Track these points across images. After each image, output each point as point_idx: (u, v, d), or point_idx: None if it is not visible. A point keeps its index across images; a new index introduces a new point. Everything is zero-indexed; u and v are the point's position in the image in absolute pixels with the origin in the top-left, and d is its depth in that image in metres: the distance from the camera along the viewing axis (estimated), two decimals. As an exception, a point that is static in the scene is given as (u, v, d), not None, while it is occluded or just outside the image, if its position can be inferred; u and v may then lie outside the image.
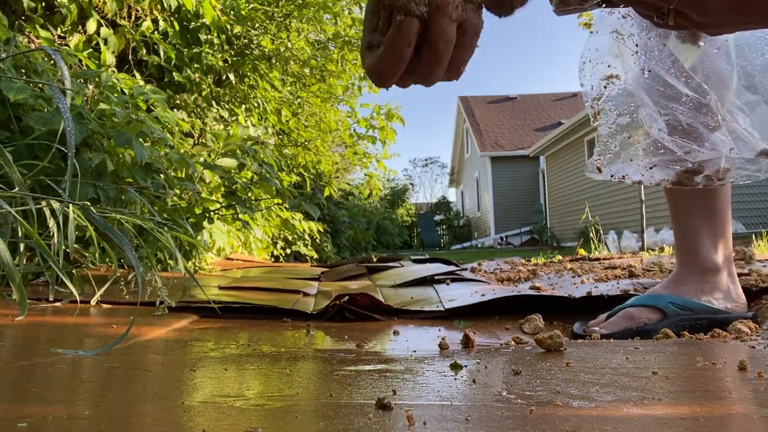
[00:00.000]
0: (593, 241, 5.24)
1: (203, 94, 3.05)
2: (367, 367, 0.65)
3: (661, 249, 3.89)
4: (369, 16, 0.50)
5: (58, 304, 1.11)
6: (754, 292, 1.18)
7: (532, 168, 16.78)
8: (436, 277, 1.82)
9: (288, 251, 4.82)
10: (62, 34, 2.37)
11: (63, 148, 1.07)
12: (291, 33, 3.47)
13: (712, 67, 0.67)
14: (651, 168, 0.69)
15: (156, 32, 2.71)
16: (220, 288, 1.54)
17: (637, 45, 0.68)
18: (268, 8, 3.38)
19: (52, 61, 1.82)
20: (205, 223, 2.16)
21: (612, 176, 0.73)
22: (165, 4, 2.57)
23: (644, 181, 0.72)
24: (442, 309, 1.23)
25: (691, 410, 0.40)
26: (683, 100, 0.67)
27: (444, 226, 21.35)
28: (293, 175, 4.29)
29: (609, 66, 0.71)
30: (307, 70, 3.81)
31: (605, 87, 0.72)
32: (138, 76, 2.55)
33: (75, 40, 2.33)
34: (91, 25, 2.32)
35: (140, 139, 1.71)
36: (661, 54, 0.67)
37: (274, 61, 3.48)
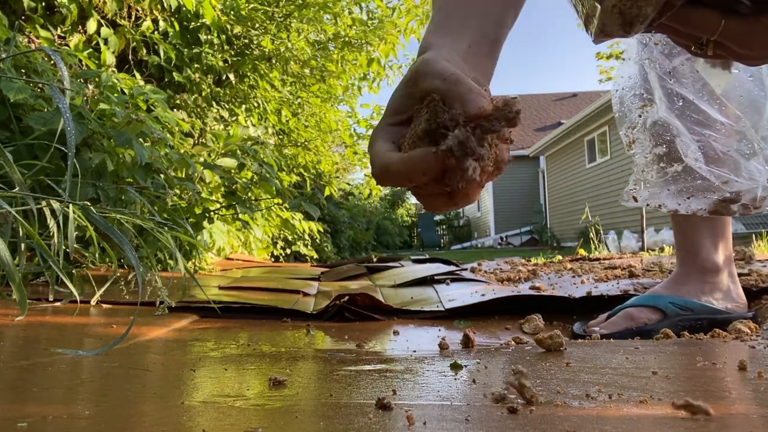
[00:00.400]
0: (593, 241, 5.24)
1: (203, 94, 3.05)
2: (367, 367, 0.65)
3: (661, 249, 3.89)
4: (403, 106, 0.45)
5: (58, 304, 1.11)
6: (754, 292, 1.18)
7: (532, 168, 16.78)
8: (436, 277, 1.82)
9: (288, 251, 4.82)
10: (62, 34, 2.37)
11: (63, 148, 1.07)
12: (291, 33, 3.47)
13: (746, 94, 0.66)
14: (688, 198, 0.69)
15: (156, 32, 2.71)
16: (220, 288, 1.54)
17: (669, 72, 0.67)
18: (268, 8, 3.38)
19: (52, 61, 1.82)
20: (205, 223, 2.16)
21: (648, 205, 0.72)
22: (165, 4, 2.57)
23: (680, 210, 0.71)
24: (442, 309, 1.23)
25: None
26: (717, 127, 0.66)
27: (444, 226, 21.34)
28: (293, 175, 4.29)
29: (643, 94, 0.70)
30: (307, 71, 3.81)
31: (639, 116, 0.71)
32: (138, 76, 2.55)
33: (75, 40, 2.33)
34: (92, 25, 2.32)
35: (140, 139, 1.71)
36: (693, 80, 0.66)
37: (274, 61, 3.48)
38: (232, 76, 3.24)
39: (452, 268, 2.14)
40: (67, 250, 0.99)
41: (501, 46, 0.56)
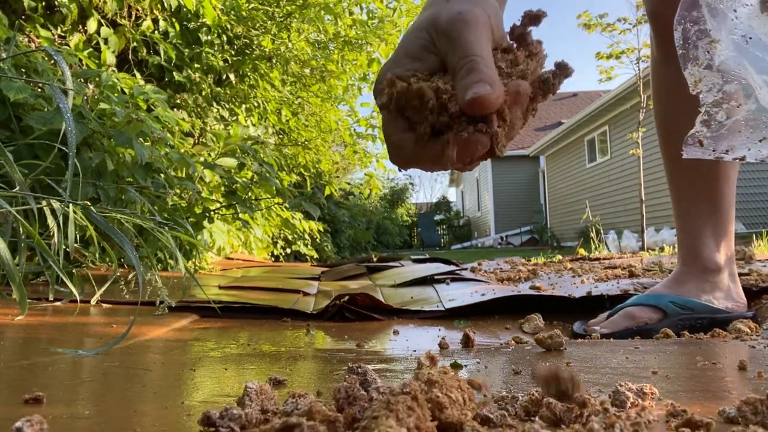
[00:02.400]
0: (593, 241, 5.24)
1: (203, 93, 3.05)
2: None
3: (661, 249, 3.89)
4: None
5: (58, 303, 1.11)
6: (754, 291, 1.18)
7: (533, 168, 16.78)
8: (436, 277, 1.82)
9: (288, 251, 4.82)
10: (62, 34, 2.37)
11: (63, 148, 1.07)
12: (291, 33, 3.47)
13: None
14: (760, 141, 0.63)
15: (156, 32, 2.71)
16: (220, 287, 1.54)
17: (735, 11, 0.64)
18: (268, 8, 3.38)
19: (53, 61, 1.82)
20: (206, 223, 2.16)
21: (714, 150, 0.66)
22: (165, 4, 2.57)
23: (749, 156, 0.65)
24: (442, 309, 1.23)
25: (691, 410, 0.40)
26: None
27: (444, 226, 21.35)
28: (293, 175, 4.29)
29: (709, 30, 0.66)
30: (307, 70, 3.81)
31: (707, 52, 0.66)
32: (138, 75, 2.55)
33: (75, 39, 2.33)
34: (92, 25, 2.32)
35: (140, 139, 1.71)
36: (758, 23, 0.63)
37: (274, 61, 3.48)
38: (232, 76, 3.24)
39: (452, 267, 2.14)
40: (68, 249, 0.99)
41: None
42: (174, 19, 2.85)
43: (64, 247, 0.98)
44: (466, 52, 0.41)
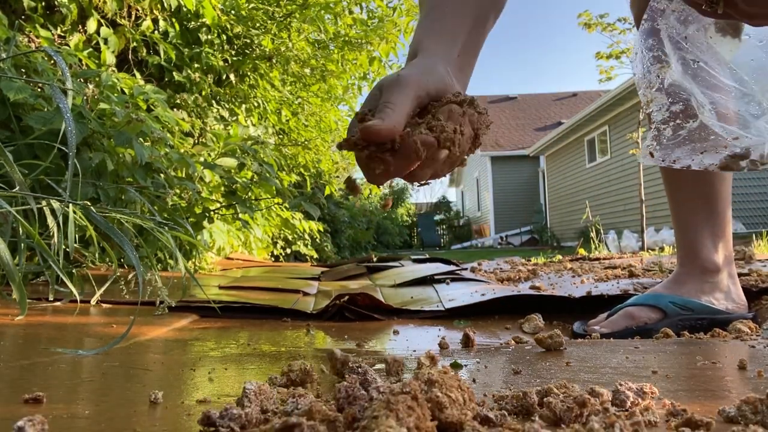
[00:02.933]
0: (593, 241, 5.24)
1: (203, 93, 3.05)
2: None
3: (661, 249, 3.89)
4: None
5: (58, 303, 1.11)
6: (754, 292, 1.18)
7: (532, 168, 16.78)
8: (436, 277, 1.82)
9: (288, 251, 4.82)
10: (62, 34, 2.37)
11: (63, 148, 1.07)
12: (291, 32, 3.47)
13: (756, 58, 0.71)
14: (701, 153, 0.73)
15: (156, 32, 2.71)
16: (220, 287, 1.54)
17: (685, 38, 0.73)
18: (268, 8, 3.38)
19: (52, 61, 1.82)
20: (205, 223, 2.16)
21: (663, 161, 0.77)
22: (165, 4, 2.57)
23: (693, 165, 0.75)
24: (442, 309, 1.23)
25: (690, 409, 0.40)
26: (727, 90, 0.72)
27: (444, 226, 21.35)
28: (293, 175, 4.29)
29: (661, 56, 0.76)
30: (307, 70, 3.81)
31: (658, 76, 0.76)
32: (138, 75, 2.55)
33: (75, 39, 2.33)
34: (91, 25, 2.32)
35: (140, 139, 1.71)
36: (706, 47, 0.72)
37: (274, 60, 3.48)
38: (232, 76, 3.24)
39: (452, 267, 2.14)
40: (67, 249, 0.99)
41: (481, 46, 0.69)
42: (174, 19, 2.85)
43: (64, 247, 0.98)
44: (385, 99, 0.56)
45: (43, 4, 2.32)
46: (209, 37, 3.09)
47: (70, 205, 0.98)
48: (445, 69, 0.60)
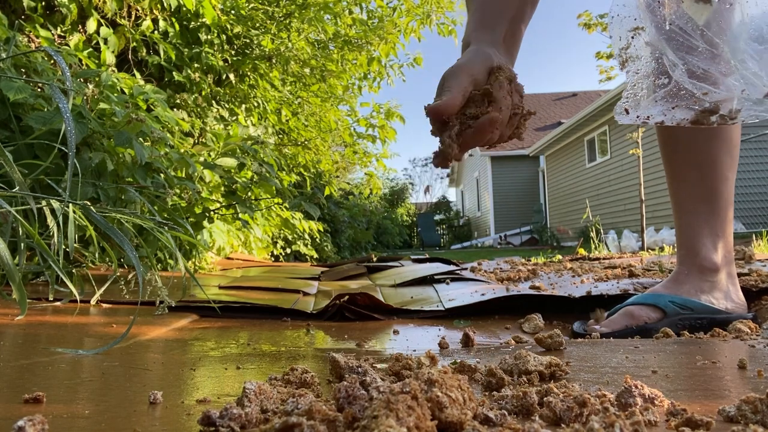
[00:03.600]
0: (593, 241, 5.24)
1: (203, 93, 3.05)
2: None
3: (661, 248, 3.89)
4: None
5: (58, 303, 1.11)
6: (754, 292, 1.18)
7: (532, 167, 16.77)
8: (435, 277, 1.82)
9: (288, 251, 4.82)
10: (62, 34, 2.37)
11: (63, 148, 1.07)
12: (291, 32, 3.47)
13: (725, 22, 0.77)
14: (673, 108, 0.79)
15: (156, 32, 2.71)
16: (220, 287, 1.54)
17: (659, 2, 0.79)
18: (268, 8, 3.38)
19: (52, 61, 1.82)
20: (205, 223, 2.16)
21: (638, 117, 0.82)
22: (165, 4, 2.57)
23: (666, 121, 0.80)
24: (442, 309, 1.23)
25: (690, 409, 0.40)
26: (699, 51, 0.77)
27: (444, 226, 21.35)
28: (293, 175, 4.29)
29: (635, 19, 0.82)
30: (307, 70, 3.81)
31: (632, 38, 0.82)
32: (138, 75, 2.55)
33: (75, 39, 2.33)
34: (91, 25, 2.32)
35: (140, 139, 1.71)
36: (680, 11, 0.78)
37: (274, 60, 3.48)
38: (232, 76, 3.24)
39: (452, 267, 2.14)
40: (67, 249, 0.99)
41: (524, 31, 0.81)
42: (174, 19, 2.85)
43: (63, 247, 0.98)
44: (445, 85, 0.69)
45: (43, 4, 2.32)
46: (209, 37, 3.09)
47: (70, 204, 0.98)
48: (493, 51, 0.73)
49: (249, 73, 3.42)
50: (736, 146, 1.03)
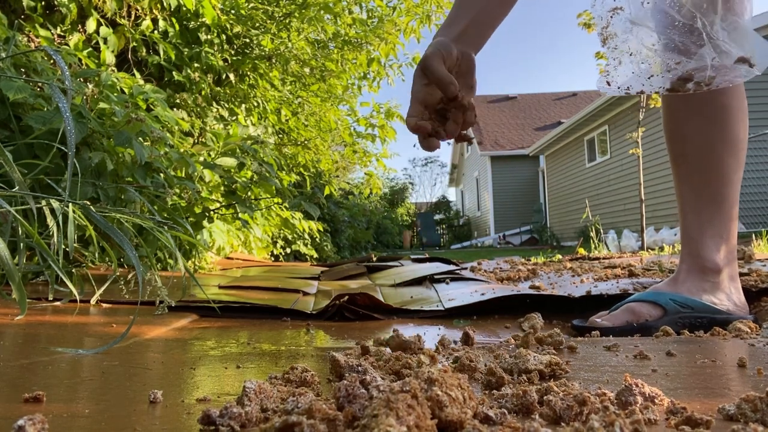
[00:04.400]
0: (593, 241, 5.24)
1: (203, 93, 3.05)
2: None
3: (661, 248, 3.89)
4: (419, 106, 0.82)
5: (57, 303, 1.11)
6: (753, 293, 1.18)
7: (532, 167, 16.78)
8: (435, 277, 1.82)
9: (288, 250, 4.82)
10: (62, 33, 2.37)
11: (63, 148, 1.07)
12: (291, 32, 3.46)
13: None
14: (649, 78, 0.85)
15: (156, 31, 2.70)
16: (220, 287, 1.54)
17: None
18: (268, 7, 3.38)
19: (52, 60, 1.82)
20: (205, 223, 2.16)
21: (619, 88, 0.87)
22: (165, 4, 2.57)
23: (645, 89, 0.86)
24: (442, 308, 1.23)
25: (690, 407, 0.40)
26: (676, 25, 0.82)
27: (444, 226, 21.35)
28: (293, 175, 4.29)
29: (614, 0, 0.88)
30: (307, 70, 3.81)
31: (611, 17, 0.88)
32: (138, 75, 2.55)
33: (74, 39, 2.33)
34: (91, 25, 2.32)
35: (140, 139, 1.71)
36: None
37: (274, 60, 3.48)
38: (231, 76, 3.24)
39: (452, 267, 2.14)
40: (67, 249, 0.99)
41: (493, 28, 0.89)
42: (173, 19, 2.84)
43: (63, 246, 0.98)
44: (411, 98, 0.82)
45: (43, 3, 2.32)
46: (209, 36, 3.08)
47: (70, 204, 0.98)
48: (448, 41, 0.83)
49: (249, 73, 3.42)
50: (743, 149, 1.03)
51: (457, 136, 0.82)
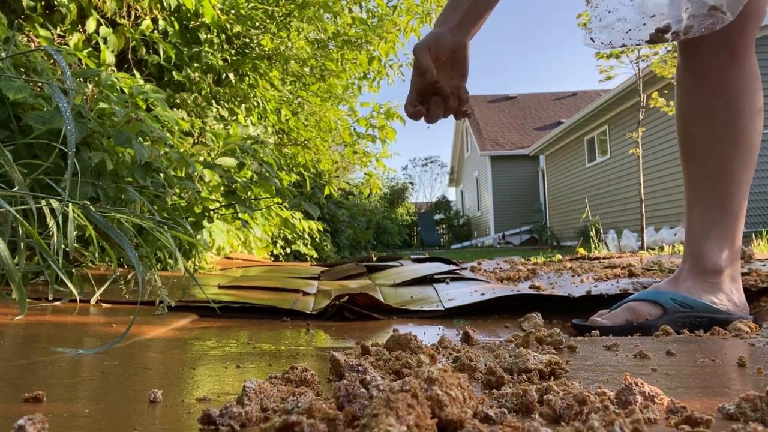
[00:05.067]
0: (593, 240, 5.24)
1: (203, 93, 3.05)
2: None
3: (661, 248, 3.89)
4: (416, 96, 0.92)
5: (57, 303, 1.11)
6: (753, 292, 1.18)
7: (532, 167, 16.78)
8: (435, 276, 1.82)
9: (288, 250, 4.82)
10: (62, 33, 2.37)
11: (63, 148, 1.07)
12: (291, 32, 3.46)
13: None
14: (628, 32, 0.91)
15: (156, 31, 2.70)
16: (220, 287, 1.54)
17: None
18: (268, 7, 3.38)
19: (52, 60, 1.82)
20: (205, 222, 2.16)
21: (602, 43, 0.93)
22: (165, 3, 2.57)
23: (626, 43, 0.92)
24: (442, 308, 1.23)
25: (690, 406, 0.40)
26: None
27: (444, 226, 21.34)
28: (293, 175, 4.29)
29: None
30: (306, 70, 3.81)
31: None
32: (138, 75, 2.55)
33: (74, 39, 2.33)
34: (91, 24, 2.31)
35: (140, 138, 1.71)
36: None
37: (274, 60, 3.48)
38: (231, 76, 3.23)
39: (452, 267, 2.14)
40: (67, 249, 0.99)
41: (485, 18, 0.95)
42: (173, 19, 2.84)
43: (63, 246, 0.98)
44: (410, 87, 0.93)
45: (43, 3, 2.32)
46: (209, 36, 3.08)
47: (70, 204, 0.98)
48: (444, 32, 0.91)
49: (249, 73, 3.42)
50: (753, 153, 1.02)
51: (456, 112, 0.92)
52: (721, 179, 1.02)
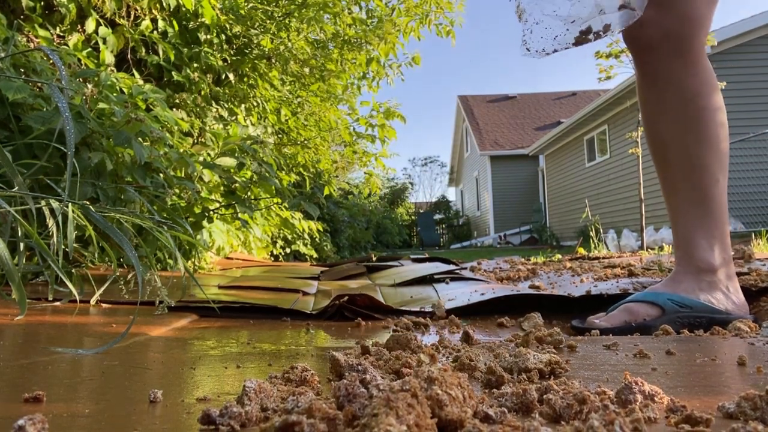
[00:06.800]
0: (593, 240, 5.24)
1: (202, 93, 3.05)
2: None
3: (661, 248, 3.89)
4: None
5: (57, 303, 1.11)
6: (753, 292, 1.18)
7: (532, 167, 16.78)
8: (435, 276, 1.82)
9: (287, 250, 4.82)
10: (61, 34, 2.37)
11: (62, 148, 1.07)
12: (291, 32, 3.46)
13: None
14: (555, 38, 0.97)
15: (155, 31, 2.70)
16: (220, 287, 1.54)
17: None
18: (267, 7, 3.38)
19: (51, 61, 1.81)
20: (205, 223, 2.16)
21: (537, 52, 0.99)
22: (164, 4, 2.57)
23: (556, 48, 0.98)
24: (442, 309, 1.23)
25: (690, 405, 0.41)
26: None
27: (443, 225, 21.35)
28: (293, 175, 4.29)
29: None
30: (306, 70, 3.81)
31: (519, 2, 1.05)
32: (137, 75, 2.55)
33: (74, 39, 2.33)
34: (90, 25, 2.31)
35: (139, 139, 1.71)
36: None
37: (273, 60, 3.48)
38: (231, 76, 3.23)
39: (452, 267, 2.14)
40: (67, 249, 0.99)
41: None
42: (173, 19, 2.84)
43: (63, 246, 0.98)
44: None
45: (42, 3, 2.31)
46: (208, 36, 3.08)
47: (70, 204, 0.98)
48: None
49: (248, 73, 3.42)
50: (721, 145, 1.04)
51: None
52: (699, 178, 1.03)
